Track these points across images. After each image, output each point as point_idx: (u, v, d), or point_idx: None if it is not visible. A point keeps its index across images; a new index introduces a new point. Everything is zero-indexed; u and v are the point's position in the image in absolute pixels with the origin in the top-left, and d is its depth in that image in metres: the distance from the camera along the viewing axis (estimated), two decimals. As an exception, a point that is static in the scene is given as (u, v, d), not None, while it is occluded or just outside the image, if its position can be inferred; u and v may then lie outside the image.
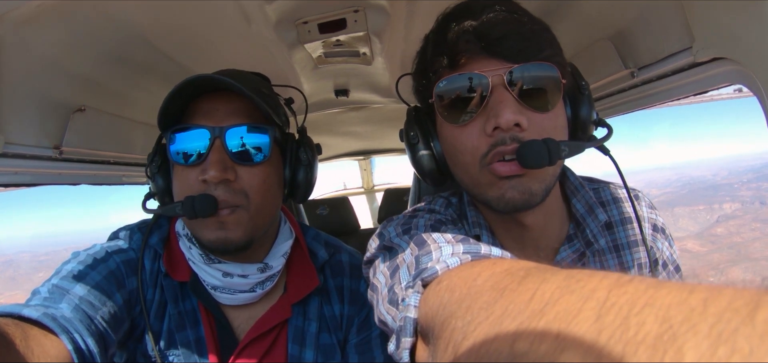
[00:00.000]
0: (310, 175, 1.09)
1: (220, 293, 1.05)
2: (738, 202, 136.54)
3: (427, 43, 0.91)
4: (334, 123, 2.84)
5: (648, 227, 1.02)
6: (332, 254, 1.19)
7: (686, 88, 1.11)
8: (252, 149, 0.97)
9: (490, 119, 0.79)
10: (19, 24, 0.93)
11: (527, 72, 0.79)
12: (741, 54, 0.86)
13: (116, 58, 1.25)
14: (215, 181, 0.92)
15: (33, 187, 1.24)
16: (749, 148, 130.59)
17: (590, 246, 0.96)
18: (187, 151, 0.95)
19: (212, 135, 0.94)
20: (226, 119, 0.96)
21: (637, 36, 1.17)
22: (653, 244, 1.01)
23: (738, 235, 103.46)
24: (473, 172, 0.84)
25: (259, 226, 1.01)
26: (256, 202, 0.98)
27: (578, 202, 0.99)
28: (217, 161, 0.93)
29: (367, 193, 4.53)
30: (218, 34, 1.28)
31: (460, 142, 0.84)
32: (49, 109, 1.20)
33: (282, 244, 1.12)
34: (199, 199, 0.91)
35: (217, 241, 0.95)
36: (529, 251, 0.95)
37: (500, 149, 0.79)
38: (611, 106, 1.43)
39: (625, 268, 0.98)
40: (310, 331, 1.10)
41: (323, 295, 1.14)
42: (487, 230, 0.96)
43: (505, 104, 0.78)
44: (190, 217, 0.94)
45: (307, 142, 1.11)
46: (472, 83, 0.80)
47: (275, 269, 1.08)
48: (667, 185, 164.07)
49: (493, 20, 0.80)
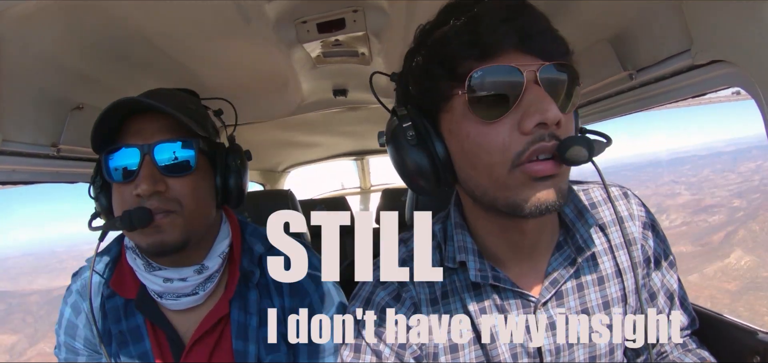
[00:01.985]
0: (239, 181, 1.14)
1: (166, 300, 1.10)
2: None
3: (446, 32, 0.83)
4: (332, 123, 2.84)
5: (639, 225, 1.01)
6: (270, 247, 1.17)
7: (685, 90, 1.11)
8: (180, 161, 1.02)
9: (532, 114, 0.74)
10: (18, 21, 0.93)
11: (557, 71, 0.77)
12: (740, 57, 0.86)
13: (114, 56, 1.24)
14: (147, 194, 0.98)
15: (31, 185, 1.24)
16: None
17: (581, 252, 0.93)
18: (120, 169, 1.01)
19: (142, 152, 0.99)
20: (154, 136, 1.01)
21: (635, 38, 1.18)
22: (645, 241, 1.01)
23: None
24: (499, 173, 0.78)
25: (194, 229, 1.05)
26: (190, 208, 1.03)
27: (567, 207, 0.98)
28: (148, 176, 0.98)
29: (365, 193, 4.52)
30: (217, 32, 1.28)
31: (487, 141, 0.78)
32: (47, 106, 1.20)
33: (219, 245, 1.15)
34: (135, 212, 0.97)
35: (154, 244, 1.01)
36: (522, 261, 0.94)
37: (539, 146, 0.75)
38: (610, 108, 1.43)
39: (619, 269, 0.97)
40: (251, 326, 1.13)
41: (262, 288, 1.16)
42: (473, 254, 0.93)
43: (549, 100, 0.74)
44: (128, 230, 1.01)
45: (236, 150, 1.16)
46: (510, 76, 0.76)
47: (212, 269, 1.12)
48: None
49: (528, 13, 0.78)
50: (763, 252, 20.19)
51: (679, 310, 1.02)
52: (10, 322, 29.21)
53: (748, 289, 17.73)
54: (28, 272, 46.87)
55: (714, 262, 19.42)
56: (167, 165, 1.01)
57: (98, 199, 1.09)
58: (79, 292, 1.17)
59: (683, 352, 1.02)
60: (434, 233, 1.00)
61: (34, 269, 48.19)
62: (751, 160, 41.83)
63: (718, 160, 48.77)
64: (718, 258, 19.81)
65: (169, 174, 1.01)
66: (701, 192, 34.43)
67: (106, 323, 1.13)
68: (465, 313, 0.93)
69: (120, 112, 1.00)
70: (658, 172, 52.65)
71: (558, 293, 0.94)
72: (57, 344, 1.19)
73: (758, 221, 22.84)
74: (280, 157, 3.71)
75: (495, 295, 0.93)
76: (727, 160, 47.06)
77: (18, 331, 28.40)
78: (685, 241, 24.52)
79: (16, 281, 43.64)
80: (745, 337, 1.09)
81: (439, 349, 0.93)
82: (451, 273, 0.96)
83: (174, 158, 1.01)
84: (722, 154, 51.96)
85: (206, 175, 1.09)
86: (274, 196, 2.03)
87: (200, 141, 1.07)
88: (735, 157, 47.80)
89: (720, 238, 22.20)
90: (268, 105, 2.13)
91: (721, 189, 34.05)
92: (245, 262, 1.16)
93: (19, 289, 37.54)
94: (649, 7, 1.07)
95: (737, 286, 18.04)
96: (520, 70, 0.75)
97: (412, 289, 0.96)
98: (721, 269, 19.08)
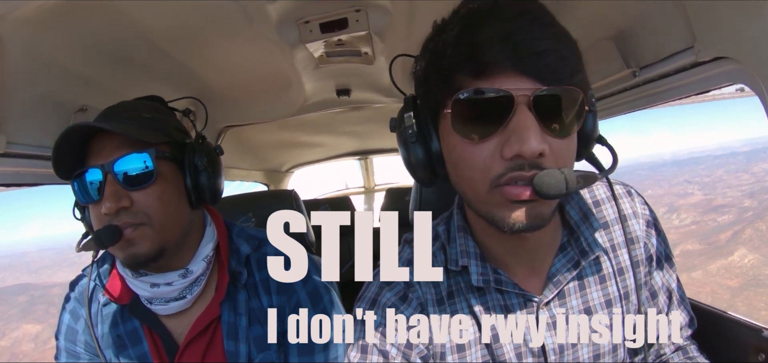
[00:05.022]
0: (212, 180, 1.14)
1: (156, 306, 1.12)
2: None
3: (445, 41, 0.81)
4: (335, 123, 2.84)
5: (642, 223, 1.00)
6: (257, 247, 1.21)
7: (688, 87, 1.10)
8: (140, 173, 1.03)
9: (512, 143, 0.73)
10: (21, 24, 0.94)
11: (556, 96, 0.74)
12: (743, 53, 0.86)
13: (118, 58, 1.25)
14: (113, 212, 1.00)
15: (35, 187, 1.25)
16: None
17: (585, 255, 0.93)
18: (87, 191, 1.03)
19: (103, 171, 1.01)
20: (113, 154, 1.02)
21: (638, 36, 1.17)
22: (648, 240, 1.00)
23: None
24: (480, 190, 0.78)
25: (167, 236, 1.06)
26: (159, 219, 1.04)
27: (572, 209, 0.97)
28: (112, 193, 1.00)
29: (369, 192, 4.52)
30: (220, 33, 1.28)
31: (471, 158, 0.78)
32: (51, 109, 1.20)
33: (204, 248, 1.16)
34: (104, 231, 0.99)
35: (128, 258, 1.03)
36: (524, 263, 0.94)
37: (517, 174, 0.74)
38: (613, 106, 1.43)
39: (622, 267, 0.97)
40: (241, 326, 1.15)
41: (250, 288, 1.18)
42: (475, 258, 0.94)
43: (531, 130, 0.72)
44: (101, 248, 1.05)
45: (204, 148, 1.15)
46: (496, 99, 0.73)
47: (197, 273, 1.13)
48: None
49: (530, 31, 0.73)
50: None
51: (678, 309, 1.02)
52: (34, 312, 29.59)
53: (749, 285, 17.74)
54: (49, 266, 47.35)
55: (718, 260, 19.39)
56: (129, 179, 1.02)
57: (84, 219, 1.11)
58: (77, 299, 1.19)
59: (684, 358, 1.02)
60: (438, 234, 1.01)
61: (55, 263, 48.66)
62: (766, 161, 41.58)
63: (733, 160, 48.39)
64: (722, 256, 19.78)
65: (132, 188, 1.02)
66: (714, 192, 34.25)
67: (104, 328, 1.16)
68: (470, 313, 0.94)
69: (80, 138, 1.02)
70: (672, 172, 52.33)
71: (560, 293, 0.94)
72: (57, 350, 1.21)
73: (766, 220, 22.73)
74: (284, 158, 3.72)
75: (499, 296, 0.94)
76: (742, 161, 46.73)
77: (42, 321, 28.78)
78: (692, 239, 24.40)
79: (38, 274, 44.09)
80: (749, 335, 1.08)
81: (446, 349, 0.94)
82: (455, 274, 0.97)
83: (135, 171, 1.02)
84: (737, 154, 51.57)
85: (173, 180, 1.09)
86: (277, 196, 2.03)
87: (161, 148, 1.07)
88: (749, 158, 47.47)
89: (727, 237, 22.12)
90: (271, 105, 2.14)
91: (734, 189, 33.89)
92: (233, 263, 1.17)
93: (42, 282, 37.95)
94: (652, 5, 1.07)
95: (739, 283, 18.06)
96: (512, 94, 0.72)
97: (419, 289, 0.97)
98: (724, 266, 19.08)
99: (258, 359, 1.14)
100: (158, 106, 1.19)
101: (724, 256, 19.53)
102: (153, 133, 1.06)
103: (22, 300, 31.38)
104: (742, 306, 16.03)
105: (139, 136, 1.02)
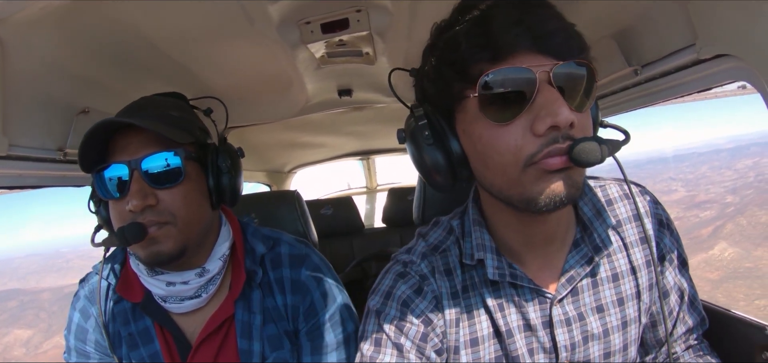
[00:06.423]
0: (233, 181, 1.14)
1: (171, 304, 1.12)
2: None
3: (455, 36, 0.82)
4: (337, 123, 2.84)
5: (654, 223, 1.01)
6: (271, 247, 1.22)
7: (690, 85, 1.10)
8: (169, 173, 1.03)
9: (544, 118, 0.74)
10: (23, 26, 0.94)
11: (572, 70, 0.77)
12: (745, 51, 0.86)
13: (120, 60, 1.25)
14: (139, 209, 0.99)
15: (37, 189, 1.25)
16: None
17: (599, 252, 0.93)
18: (112, 186, 1.02)
19: (130, 168, 1.00)
20: (140, 150, 1.02)
21: (640, 34, 1.17)
22: (660, 240, 1.00)
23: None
24: (512, 173, 0.78)
25: (190, 236, 1.06)
26: (183, 218, 1.04)
27: (585, 205, 0.97)
28: (138, 191, 0.99)
29: (371, 192, 4.52)
30: (221, 35, 1.29)
31: (499, 142, 0.78)
32: (53, 111, 1.21)
33: (220, 247, 1.16)
34: (129, 228, 0.99)
35: (151, 256, 1.02)
36: (538, 256, 0.94)
37: (553, 147, 0.75)
38: (615, 104, 1.43)
39: (634, 266, 0.97)
40: (255, 324, 1.15)
41: (265, 287, 1.18)
42: (491, 251, 0.94)
43: (560, 101, 0.74)
44: (124, 246, 1.04)
45: (227, 150, 1.16)
46: (521, 78, 0.75)
47: (213, 272, 1.13)
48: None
49: (539, 14, 0.77)
50: (748, 244, 20.32)
51: (690, 309, 1.02)
52: (24, 317, 29.72)
53: (728, 278, 17.99)
54: (37, 271, 47.58)
55: (698, 254, 19.62)
56: (156, 178, 1.02)
57: (98, 213, 1.11)
58: (88, 297, 1.19)
59: (694, 356, 1.02)
60: (453, 228, 1.01)
61: (42, 268, 48.88)
62: (749, 157, 41.54)
63: (716, 157, 48.38)
64: (703, 250, 20.03)
65: (159, 186, 1.02)
66: (696, 188, 34.36)
67: (116, 326, 1.15)
68: (484, 307, 0.95)
69: (103, 133, 1.01)
70: (659, 169, 52.33)
71: (573, 290, 0.94)
72: (66, 348, 1.21)
73: (746, 216, 22.92)
74: (286, 158, 3.72)
75: (513, 291, 0.94)
76: (726, 157, 46.68)
77: (32, 326, 28.93)
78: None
79: (26, 280, 44.31)
80: (754, 333, 1.08)
81: (461, 343, 0.94)
82: (469, 268, 0.97)
83: (162, 170, 1.02)
84: (721, 151, 51.57)
85: (197, 180, 1.10)
86: (280, 196, 2.03)
87: (188, 148, 1.07)
88: (733, 154, 47.42)
89: (708, 232, 22.31)
90: (273, 106, 2.14)
91: (717, 185, 33.95)
92: (248, 263, 1.17)
93: (30, 288, 38.20)
94: (654, 3, 1.06)
95: (719, 276, 18.31)
96: (533, 70, 0.74)
97: (433, 282, 0.97)
98: (704, 260, 19.33)
99: (271, 358, 1.15)
100: (183, 105, 1.20)
101: (705, 251, 19.73)
102: (182, 133, 1.06)
103: (12, 305, 31.65)
104: (722, 297, 16.21)
105: (170, 136, 1.02)
